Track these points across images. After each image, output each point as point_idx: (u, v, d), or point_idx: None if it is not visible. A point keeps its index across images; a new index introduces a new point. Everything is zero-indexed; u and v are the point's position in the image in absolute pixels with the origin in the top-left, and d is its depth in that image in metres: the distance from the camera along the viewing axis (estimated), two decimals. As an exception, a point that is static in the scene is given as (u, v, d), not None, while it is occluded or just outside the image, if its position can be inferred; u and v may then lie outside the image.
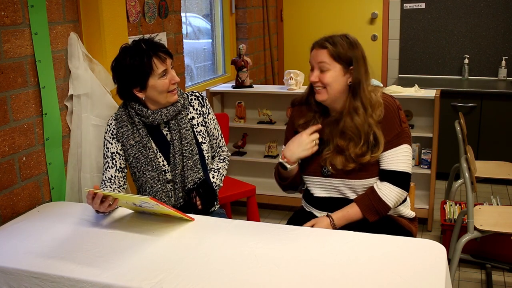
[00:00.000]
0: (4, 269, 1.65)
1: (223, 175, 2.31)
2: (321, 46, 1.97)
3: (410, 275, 1.50)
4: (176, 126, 2.15)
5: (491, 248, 3.00)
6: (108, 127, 2.16)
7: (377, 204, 1.97)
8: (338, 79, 1.96)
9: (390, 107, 1.99)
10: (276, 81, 5.12)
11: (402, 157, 1.99)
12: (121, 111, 2.16)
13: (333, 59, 1.95)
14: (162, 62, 2.05)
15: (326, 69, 1.95)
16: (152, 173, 2.13)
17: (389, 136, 1.97)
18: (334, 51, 1.95)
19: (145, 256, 1.67)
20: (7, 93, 2.07)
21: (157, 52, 2.05)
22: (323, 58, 1.95)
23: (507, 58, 4.54)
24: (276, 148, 3.78)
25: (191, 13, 4.09)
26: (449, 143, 3.86)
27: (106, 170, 2.13)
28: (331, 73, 1.95)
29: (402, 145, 1.99)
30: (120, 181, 2.14)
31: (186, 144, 2.14)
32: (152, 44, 2.07)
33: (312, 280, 1.49)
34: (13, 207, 2.13)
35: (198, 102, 2.24)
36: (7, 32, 2.05)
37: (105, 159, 2.15)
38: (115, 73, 2.11)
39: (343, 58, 1.95)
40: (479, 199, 3.85)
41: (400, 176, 1.99)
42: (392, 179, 1.99)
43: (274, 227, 1.89)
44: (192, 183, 2.15)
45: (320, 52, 1.97)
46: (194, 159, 2.15)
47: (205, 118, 2.24)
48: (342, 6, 5.09)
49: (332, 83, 1.95)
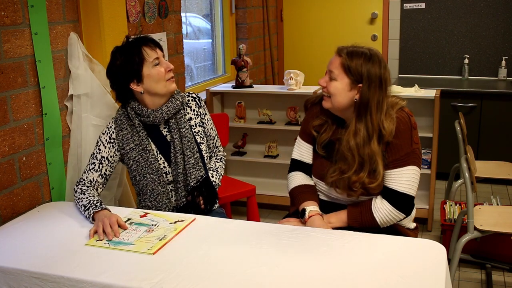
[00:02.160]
0: (4, 269, 1.65)
1: (221, 174, 2.32)
2: (338, 54, 1.89)
3: (410, 275, 1.50)
4: (176, 125, 2.15)
5: (491, 248, 2.99)
6: (107, 129, 2.16)
7: (364, 214, 1.94)
8: (343, 93, 1.87)
9: (404, 125, 1.89)
10: (276, 81, 5.12)
11: (407, 178, 1.90)
12: (120, 114, 2.16)
13: (343, 70, 1.86)
14: (153, 50, 2.08)
15: (334, 78, 1.88)
16: (153, 176, 2.13)
17: (398, 155, 1.89)
18: (346, 63, 1.85)
19: (145, 256, 1.67)
20: (7, 93, 2.07)
21: (146, 42, 2.10)
22: (335, 66, 1.88)
23: (507, 58, 4.54)
24: (276, 148, 3.78)
25: (191, 13, 4.09)
26: (449, 143, 3.86)
27: (90, 171, 2.12)
28: (336, 84, 1.88)
29: (409, 166, 1.89)
30: (99, 188, 2.12)
31: (187, 142, 2.15)
32: (140, 37, 2.13)
33: (312, 280, 1.49)
34: (13, 207, 2.13)
35: (195, 103, 2.25)
36: (7, 32, 2.05)
37: (93, 159, 2.14)
38: (110, 77, 2.13)
39: (353, 72, 1.85)
40: (479, 199, 3.85)
41: (400, 197, 1.91)
42: (391, 199, 1.92)
43: (274, 227, 1.89)
44: (195, 181, 2.15)
45: (334, 59, 1.90)
46: (195, 157, 2.16)
47: (202, 119, 2.25)
48: (342, 6, 5.09)
49: (336, 95, 1.88)
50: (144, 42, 2.10)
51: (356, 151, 1.87)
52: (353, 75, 1.85)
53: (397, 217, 1.94)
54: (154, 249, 1.70)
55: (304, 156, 2.12)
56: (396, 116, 1.89)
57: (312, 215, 1.97)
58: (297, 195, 2.08)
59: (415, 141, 1.91)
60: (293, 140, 3.73)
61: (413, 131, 1.91)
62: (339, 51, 1.90)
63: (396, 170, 1.90)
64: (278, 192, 3.78)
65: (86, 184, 2.09)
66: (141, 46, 2.08)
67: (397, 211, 1.92)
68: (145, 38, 2.12)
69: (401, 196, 1.91)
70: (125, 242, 1.76)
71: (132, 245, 1.74)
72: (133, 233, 1.83)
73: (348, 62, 1.85)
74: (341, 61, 1.87)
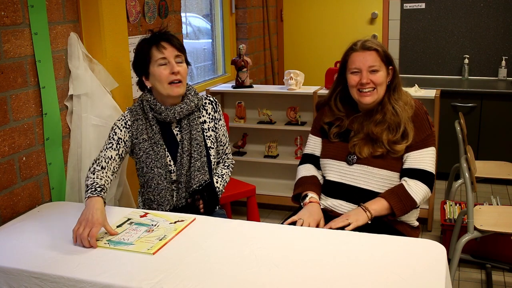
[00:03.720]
0: (4, 269, 1.65)
1: (226, 181, 2.32)
2: (369, 49, 2.04)
3: (410, 275, 1.50)
4: (188, 126, 2.15)
5: (491, 248, 2.99)
6: (123, 117, 2.17)
7: (405, 200, 2.01)
8: (385, 80, 2.06)
9: (421, 111, 2.08)
10: (276, 81, 5.12)
11: (429, 158, 2.06)
12: (136, 106, 2.18)
13: (382, 61, 2.04)
14: (160, 51, 2.09)
15: (377, 70, 2.03)
16: (160, 170, 2.13)
17: (420, 137, 2.05)
18: (384, 53, 2.04)
19: (145, 256, 1.67)
20: (7, 93, 2.07)
21: (158, 41, 2.10)
22: (374, 60, 2.03)
23: (507, 58, 4.54)
24: (276, 148, 3.78)
25: (191, 13, 4.09)
26: (449, 143, 3.86)
27: (107, 149, 2.09)
28: (381, 74, 2.04)
29: (430, 147, 2.06)
30: (115, 167, 2.10)
31: (196, 145, 2.15)
32: (158, 34, 2.14)
33: (312, 280, 1.49)
34: (13, 207, 2.13)
35: (211, 106, 2.25)
36: (7, 32, 2.05)
37: (109, 140, 2.12)
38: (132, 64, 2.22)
39: (388, 59, 2.06)
40: (479, 199, 3.85)
41: (428, 175, 2.05)
42: (421, 177, 2.04)
43: (274, 227, 1.89)
44: (197, 184, 2.15)
45: (368, 54, 2.03)
46: (202, 160, 2.16)
47: (216, 124, 2.25)
48: (342, 6, 5.09)
49: (383, 83, 2.05)
50: (157, 40, 2.10)
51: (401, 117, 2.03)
52: (387, 62, 2.06)
53: (428, 194, 2.08)
54: (154, 249, 1.70)
55: (315, 150, 2.26)
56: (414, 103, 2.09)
57: (312, 201, 2.10)
58: (304, 182, 2.20)
59: (432, 124, 2.10)
60: (293, 140, 3.78)
61: (428, 115, 2.10)
62: (368, 48, 2.04)
63: (420, 151, 2.05)
64: (278, 192, 3.78)
65: (101, 163, 2.05)
66: (152, 44, 2.10)
67: (428, 188, 2.06)
68: (161, 36, 2.12)
69: (428, 174, 2.05)
70: (125, 242, 1.77)
71: (132, 245, 1.74)
72: (133, 233, 1.83)
73: (385, 52, 2.05)
74: (378, 54, 2.03)
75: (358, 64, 2.03)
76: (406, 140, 2.03)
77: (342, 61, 2.12)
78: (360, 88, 2.04)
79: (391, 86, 2.08)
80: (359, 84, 2.03)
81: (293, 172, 2.50)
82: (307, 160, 2.27)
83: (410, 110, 2.06)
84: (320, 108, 2.28)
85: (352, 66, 2.05)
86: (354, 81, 2.04)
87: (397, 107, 2.04)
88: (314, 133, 2.28)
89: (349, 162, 2.09)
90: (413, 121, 2.05)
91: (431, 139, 2.07)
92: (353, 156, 2.08)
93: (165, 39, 2.11)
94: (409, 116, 2.04)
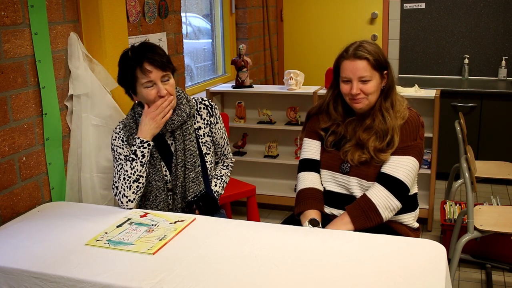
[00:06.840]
0: (4, 269, 1.65)
1: (225, 182, 2.31)
2: (359, 57, 1.94)
3: (410, 275, 1.50)
4: (181, 137, 2.13)
5: (491, 248, 2.99)
6: (117, 135, 2.13)
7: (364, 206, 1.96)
8: (378, 87, 1.99)
9: (413, 121, 2.00)
10: (276, 81, 5.12)
11: (404, 166, 1.97)
12: (128, 119, 2.15)
13: (373, 69, 1.95)
14: (145, 74, 1.99)
15: (368, 79, 1.95)
16: (158, 183, 2.12)
17: (403, 144, 1.98)
18: (374, 61, 1.94)
19: (145, 256, 1.67)
20: (7, 93, 2.07)
21: (142, 61, 1.98)
22: (364, 69, 1.94)
23: (507, 58, 4.54)
24: (276, 148, 3.78)
25: (191, 13, 4.09)
26: (449, 143, 3.86)
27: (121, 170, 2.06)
28: (373, 83, 1.96)
29: (408, 156, 1.98)
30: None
31: (190, 156, 2.13)
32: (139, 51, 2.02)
33: (312, 280, 1.49)
34: (13, 207, 2.13)
35: (206, 111, 2.21)
36: (7, 32, 2.05)
37: (117, 161, 2.09)
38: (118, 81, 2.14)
39: (381, 65, 1.97)
40: (479, 199, 3.85)
41: (394, 183, 1.96)
42: (385, 183, 1.96)
43: (274, 227, 1.89)
44: (192, 196, 2.15)
45: (358, 64, 1.94)
46: (196, 171, 2.15)
47: (212, 128, 2.22)
48: (342, 6, 5.09)
49: (375, 92, 1.98)
50: (141, 60, 1.98)
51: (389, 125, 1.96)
52: (380, 68, 1.97)
53: (394, 204, 1.96)
54: (154, 249, 1.70)
55: (314, 154, 2.16)
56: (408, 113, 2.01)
57: None
58: (304, 198, 2.10)
59: (420, 137, 2.00)
60: (293, 140, 3.78)
61: (421, 128, 2.02)
62: (358, 56, 1.94)
63: (394, 157, 1.98)
64: (278, 192, 3.78)
65: None
66: (136, 65, 1.99)
67: (393, 197, 1.95)
68: (144, 55, 1.99)
69: (395, 181, 1.96)
70: (125, 242, 1.77)
71: (132, 245, 1.74)
72: (133, 233, 1.83)
73: (376, 60, 1.95)
74: (369, 63, 1.94)
75: (348, 73, 1.96)
76: (391, 149, 1.97)
77: (334, 67, 2.05)
78: (351, 97, 1.99)
79: (384, 91, 2.01)
80: (350, 94, 1.98)
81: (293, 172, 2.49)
82: (307, 167, 2.17)
83: (401, 120, 1.99)
84: (312, 116, 2.19)
85: (343, 74, 1.98)
86: (345, 90, 1.99)
87: (386, 115, 1.97)
88: (310, 137, 2.18)
89: (343, 171, 2.05)
90: (401, 129, 1.98)
91: (414, 150, 1.98)
92: (346, 164, 2.04)
93: (148, 58, 1.98)
94: (398, 125, 1.97)
